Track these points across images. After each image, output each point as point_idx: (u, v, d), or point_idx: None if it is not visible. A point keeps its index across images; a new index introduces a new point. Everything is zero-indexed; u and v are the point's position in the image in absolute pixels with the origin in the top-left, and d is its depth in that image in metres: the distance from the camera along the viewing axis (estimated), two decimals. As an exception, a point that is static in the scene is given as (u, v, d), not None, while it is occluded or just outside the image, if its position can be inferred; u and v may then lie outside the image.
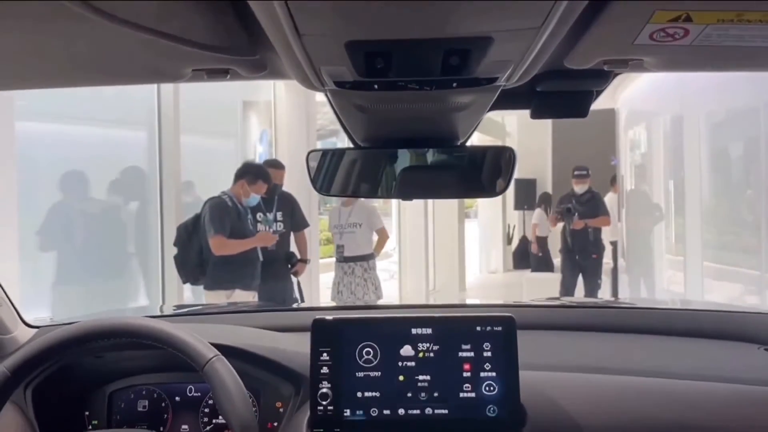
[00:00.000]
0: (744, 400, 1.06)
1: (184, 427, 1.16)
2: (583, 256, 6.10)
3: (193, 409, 1.17)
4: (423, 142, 0.85)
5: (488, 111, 0.80)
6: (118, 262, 4.82)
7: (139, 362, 1.15)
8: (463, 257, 9.19)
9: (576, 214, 5.96)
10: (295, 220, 4.34)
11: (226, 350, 0.95)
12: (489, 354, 1.01)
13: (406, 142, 0.85)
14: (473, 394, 1.00)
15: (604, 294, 7.21)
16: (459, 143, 0.89)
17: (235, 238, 3.82)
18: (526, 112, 0.83)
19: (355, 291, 4.62)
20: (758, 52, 0.61)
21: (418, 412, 1.00)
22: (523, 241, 10.19)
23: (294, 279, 4.41)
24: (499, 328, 1.01)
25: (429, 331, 1.02)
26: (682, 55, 0.63)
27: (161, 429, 1.16)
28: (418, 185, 0.90)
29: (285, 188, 4.44)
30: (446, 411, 1.00)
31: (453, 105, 0.75)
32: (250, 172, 4.01)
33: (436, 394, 1.01)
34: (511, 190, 10.22)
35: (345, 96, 0.72)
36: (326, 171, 0.90)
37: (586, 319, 1.35)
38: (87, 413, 1.16)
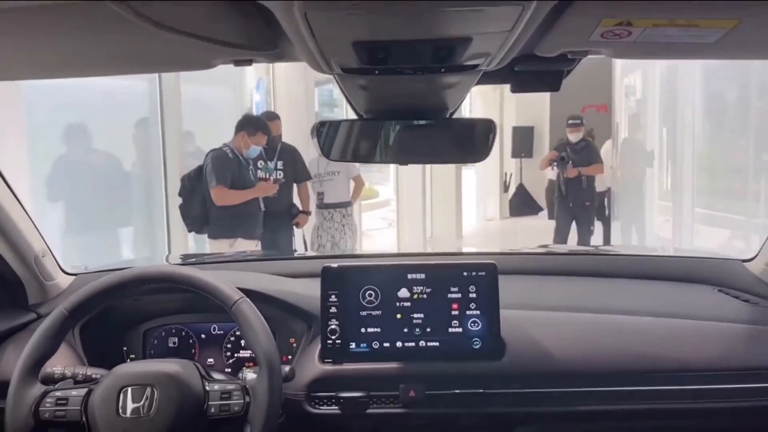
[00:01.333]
0: (699, 333, 1.22)
1: (210, 360, 1.33)
2: (577, 203, 6.20)
3: (217, 345, 1.34)
4: (416, 114, 0.98)
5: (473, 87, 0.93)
6: (124, 211, 4.95)
7: (169, 305, 1.31)
8: (460, 205, 9.31)
9: (570, 162, 6.04)
10: (297, 172, 4.41)
11: (247, 293, 1.10)
12: (474, 295, 1.17)
13: (402, 114, 0.98)
14: (460, 329, 1.17)
15: (597, 240, 7.41)
16: (447, 115, 1.02)
17: (236, 189, 3.91)
18: None
19: (334, 235, 4.75)
20: (691, 46, 0.74)
21: (413, 344, 1.17)
22: (520, 188, 10.29)
23: (297, 230, 4.54)
24: (483, 273, 1.17)
25: (422, 276, 1.17)
26: (630, 47, 0.75)
27: None
28: (411, 152, 1.03)
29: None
30: (437, 343, 1.17)
31: (441, 85, 0.88)
32: (250, 124, 4.06)
33: (428, 330, 1.17)
34: (508, 138, 10.29)
35: (350, 78, 0.85)
36: (333, 139, 1.03)
37: (561, 264, 1.52)
38: (125, 348, 1.33)
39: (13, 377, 1.01)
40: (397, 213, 8.05)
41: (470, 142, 0.96)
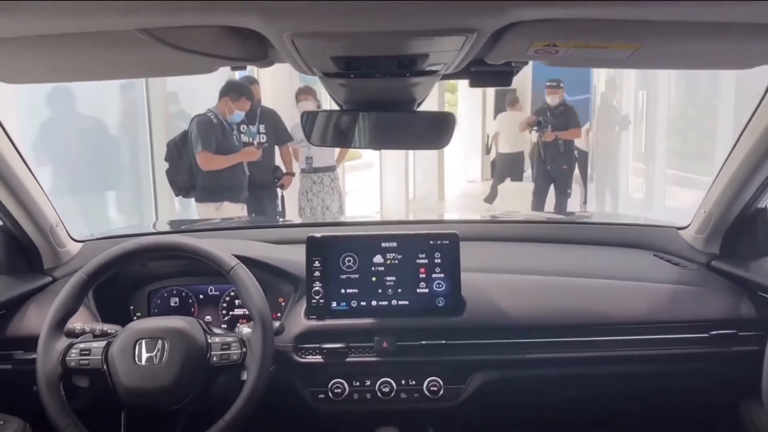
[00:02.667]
0: (632, 292, 1.41)
1: (208, 317, 1.49)
2: (554, 166, 6.32)
3: (214, 304, 1.51)
4: (388, 107, 1.12)
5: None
6: (111, 174, 5.02)
7: (171, 269, 1.47)
8: (443, 168, 9.44)
9: (549, 126, 6.17)
10: (279, 134, 4.48)
11: (242, 260, 1.26)
12: (439, 261, 1.34)
13: (375, 106, 1.12)
14: (427, 290, 1.34)
15: (575, 200, 7.62)
16: (416, 106, 1.17)
17: (221, 154, 3.99)
18: None
19: (325, 199, 4.87)
20: (610, 60, 0.90)
21: (386, 303, 1.35)
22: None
23: (279, 192, 4.67)
24: (447, 242, 1.34)
25: (394, 244, 1.35)
26: (561, 60, 0.91)
27: None
28: (383, 139, 1.18)
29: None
30: (407, 302, 1.35)
31: (407, 84, 1.03)
32: (234, 90, 4.10)
33: (399, 290, 1.35)
34: (491, 98, 10.34)
35: (330, 78, 1.00)
36: (317, 126, 1.18)
37: (518, 232, 1.69)
38: (131, 307, 1.49)
39: (42, 332, 1.17)
40: (380, 175, 8.17)
41: (434, 131, 1.11)
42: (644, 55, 0.87)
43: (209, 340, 1.20)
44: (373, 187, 8.32)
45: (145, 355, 1.15)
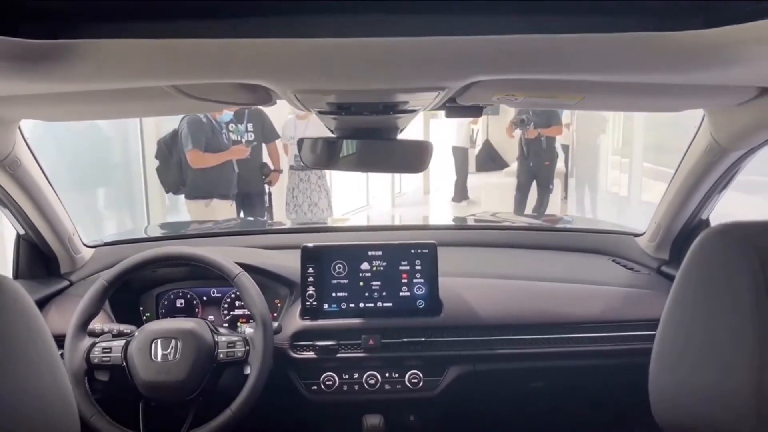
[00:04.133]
0: (590, 294, 1.57)
1: (210, 317, 1.65)
2: (537, 163, 6.43)
3: (216, 305, 1.66)
4: (374, 135, 1.28)
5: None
6: (103, 172, 5.11)
7: (177, 274, 1.62)
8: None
9: (531, 123, 6.31)
10: (266, 132, 4.55)
11: (244, 267, 1.42)
12: (419, 267, 1.51)
13: (363, 134, 1.28)
14: (408, 293, 1.51)
15: (555, 195, 7.81)
16: (398, 133, 1.33)
17: (210, 152, 4.07)
18: None
19: (311, 196, 4.95)
20: (562, 104, 1.07)
21: (372, 305, 1.50)
22: (486, 144, 10.53)
23: (267, 188, 4.78)
24: (426, 251, 1.50)
25: (380, 252, 1.51)
26: (521, 104, 1.07)
27: None
28: (369, 163, 1.32)
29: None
30: (391, 304, 1.51)
31: (391, 119, 1.19)
32: None
33: (384, 294, 1.51)
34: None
35: (323, 115, 1.16)
36: (311, 151, 1.33)
37: (490, 238, 1.86)
38: (141, 308, 1.64)
39: (68, 333, 1.32)
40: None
41: (414, 158, 1.27)
42: (588, 104, 1.04)
43: (216, 339, 1.35)
44: (360, 181, 8.45)
45: (160, 353, 1.30)
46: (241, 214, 4.58)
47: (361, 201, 8.35)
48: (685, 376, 0.62)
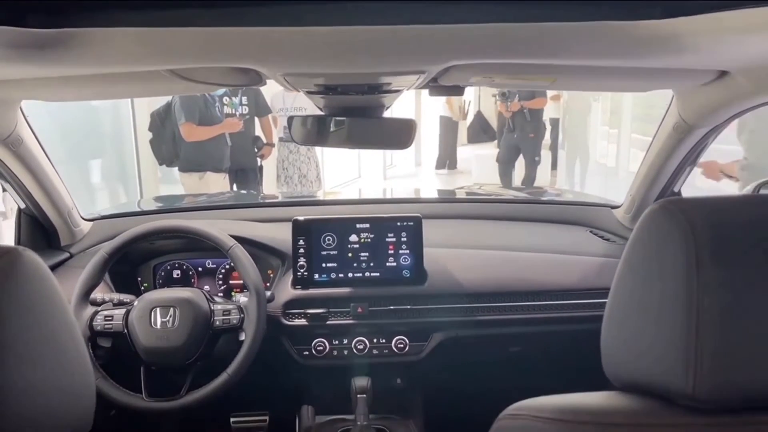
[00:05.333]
0: (568, 264, 1.65)
1: (206, 287, 1.72)
2: (522, 135, 6.43)
3: (211, 275, 1.73)
4: (360, 112, 1.34)
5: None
6: (94, 145, 5.13)
7: (173, 245, 1.69)
8: (419, 134, 9.59)
9: (515, 96, 6.32)
10: (259, 106, 4.57)
11: (238, 239, 1.49)
12: (405, 239, 1.58)
13: (350, 112, 1.34)
14: (395, 264, 1.58)
15: (545, 166, 7.87)
16: (384, 111, 1.39)
17: (203, 125, 4.08)
18: None
19: (301, 168, 4.99)
20: (537, 85, 1.13)
21: (360, 275, 1.58)
22: (478, 116, 10.56)
23: (259, 161, 4.82)
24: (411, 223, 1.58)
25: (367, 225, 1.58)
26: (499, 85, 1.14)
27: None
28: (356, 140, 1.37)
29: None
30: (378, 274, 1.58)
31: (376, 98, 1.25)
32: None
33: (372, 264, 1.58)
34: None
35: (312, 94, 1.22)
36: (300, 129, 1.39)
37: (473, 210, 1.93)
38: (139, 278, 1.71)
39: (72, 302, 1.39)
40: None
41: (398, 135, 1.33)
42: (561, 85, 1.11)
43: (212, 308, 1.43)
44: (352, 154, 8.47)
45: (159, 321, 1.38)
46: (234, 188, 4.62)
47: (352, 173, 8.39)
48: (629, 336, 0.70)
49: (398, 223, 1.58)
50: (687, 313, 0.60)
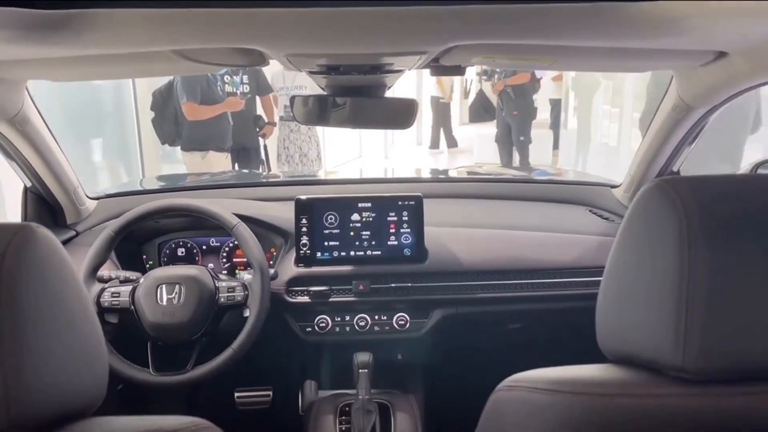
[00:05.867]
0: (566, 242, 1.68)
1: (210, 265, 1.75)
2: (508, 113, 6.42)
3: (215, 253, 1.76)
4: (362, 92, 1.35)
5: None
6: (96, 124, 5.13)
7: (178, 224, 1.71)
8: (421, 115, 9.57)
9: (495, 74, 6.29)
10: (260, 85, 4.57)
11: (241, 217, 1.51)
12: (406, 218, 1.60)
13: (352, 92, 1.35)
14: (396, 242, 1.61)
15: (547, 145, 7.86)
16: (386, 90, 1.40)
17: (205, 104, 4.08)
18: None
19: (302, 147, 4.99)
20: (537, 65, 1.15)
21: (362, 253, 1.60)
22: (480, 95, 10.51)
23: (261, 141, 4.82)
24: (413, 202, 1.60)
25: (369, 204, 1.60)
26: (500, 65, 1.15)
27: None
28: (358, 120, 1.38)
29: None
30: (379, 252, 1.61)
31: (378, 78, 1.26)
32: None
33: (373, 243, 1.61)
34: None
35: (314, 75, 1.23)
36: (303, 108, 1.41)
37: (474, 189, 1.95)
38: (144, 256, 1.74)
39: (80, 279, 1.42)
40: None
41: (400, 115, 1.34)
42: (561, 65, 1.12)
43: (217, 285, 1.46)
44: (354, 133, 8.46)
45: (165, 297, 1.41)
46: (236, 167, 4.64)
47: (354, 152, 8.39)
48: (622, 311, 0.72)
49: (399, 203, 1.60)
50: (678, 289, 0.63)
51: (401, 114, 1.33)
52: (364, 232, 1.60)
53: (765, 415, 0.62)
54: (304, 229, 1.59)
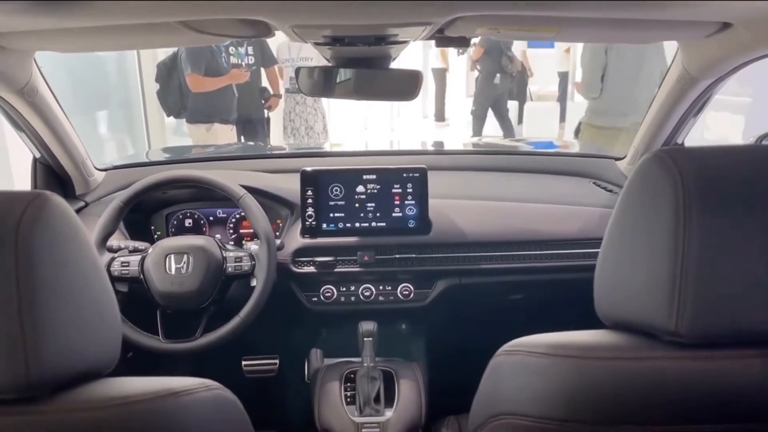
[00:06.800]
0: (570, 214, 1.69)
1: (217, 235, 1.77)
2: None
3: (222, 224, 1.78)
4: (366, 63, 1.35)
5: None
6: (101, 96, 5.13)
7: (185, 195, 1.73)
8: (425, 85, 9.51)
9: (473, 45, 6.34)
10: (265, 56, 4.56)
11: (247, 189, 1.53)
12: (410, 190, 1.61)
13: (357, 63, 1.35)
14: (400, 214, 1.62)
15: (554, 117, 7.81)
16: (390, 62, 1.40)
17: (210, 76, 4.07)
18: None
19: (308, 119, 4.96)
20: (541, 37, 1.15)
21: (367, 224, 1.62)
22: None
23: (266, 112, 4.82)
24: (417, 174, 1.61)
25: (374, 176, 1.61)
26: (505, 36, 1.15)
27: None
28: (362, 91, 1.38)
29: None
30: (384, 224, 1.62)
31: (383, 49, 1.26)
32: None
33: (378, 214, 1.62)
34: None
35: (320, 46, 1.24)
36: (307, 80, 1.41)
37: (478, 162, 1.96)
38: (152, 227, 1.77)
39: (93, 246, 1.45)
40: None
41: (404, 86, 1.35)
42: (565, 36, 1.12)
43: (224, 255, 1.48)
44: (359, 106, 8.43)
45: (174, 267, 1.43)
46: (242, 139, 4.64)
47: (359, 125, 8.37)
48: (619, 277, 0.74)
49: (404, 175, 1.61)
50: (673, 256, 0.65)
51: (406, 85, 1.34)
52: (369, 204, 1.61)
53: (753, 377, 0.65)
54: (310, 200, 1.60)
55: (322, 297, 1.61)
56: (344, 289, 1.62)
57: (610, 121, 3.61)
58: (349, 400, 1.49)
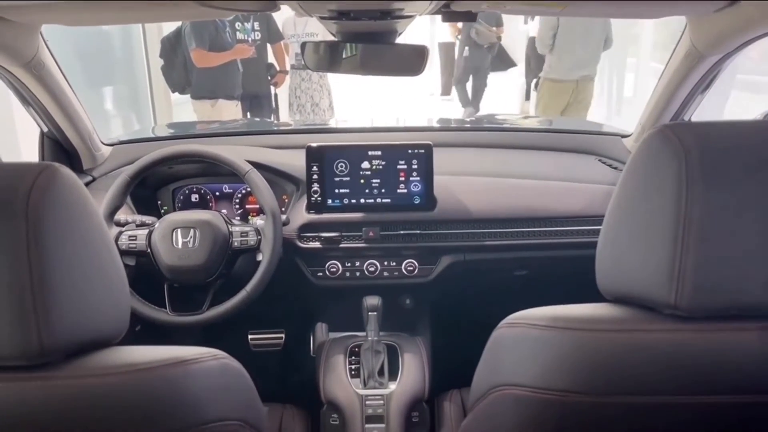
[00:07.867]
0: (575, 191, 1.69)
1: (223, 210, 1.78)
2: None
3: (228, 200, 1.79)
4: (372, 38, 1.35)
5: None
6: (107, 71, 5.11)
7: (191, 170, 1.74)
8: (431, 61, 9.41)
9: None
10: (271, 32, 4.53)
11: (254, 164, 1.54)
12: (416, 166, 1.62)
13: (363, 38, 1.35)
14: (405, 190, 1.63)
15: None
16: (396, 37, 1.39)
17: (214, 51, 4.04)
18: None
19: (313, 96, 4.95)
20: (550, 11, 1.14)
21: (372, 200, 1.63)
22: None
23: (273, 90, 4.79)
24: (422, 151, 1.61)
25: (379, 152, 1.61)
26: (512, 10, 1.14)
27: None
28: (368, 66, 1.38)
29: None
30: (389, 200, 1.63)
31: (389, 23, 1.26)
32: None
33: (383, 190, 1.63)
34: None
35: (325, 20, 1.23)
36: (313, 54, 1.41)
37: (483, 138, 1.95)
38: (159, 202, 1.78)
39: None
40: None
41: (411, 61, 1.34)
42: (572, 11, 1.11)
43: (231, 229, 1.50)
44: (365, 81, 8.36)
45: (180, 241, 1.45)
46: (248, 115, 4.62)
47: (365, 101, 8.32)
48: (620, 251, 0.75)
49: (409, 151, 1.61)
50: (674, 229, 0.65)
51: (412, 60, 1.33)
52: (374, 180, 1.62)
53: (751, 350, 0.66)
54: (315, 176, 1.61)
55: (327, 272, 1.63)
56: (349, 264, 1.63)
57: (561, 75, 4.39)
58: (353, 373, 1.52)
